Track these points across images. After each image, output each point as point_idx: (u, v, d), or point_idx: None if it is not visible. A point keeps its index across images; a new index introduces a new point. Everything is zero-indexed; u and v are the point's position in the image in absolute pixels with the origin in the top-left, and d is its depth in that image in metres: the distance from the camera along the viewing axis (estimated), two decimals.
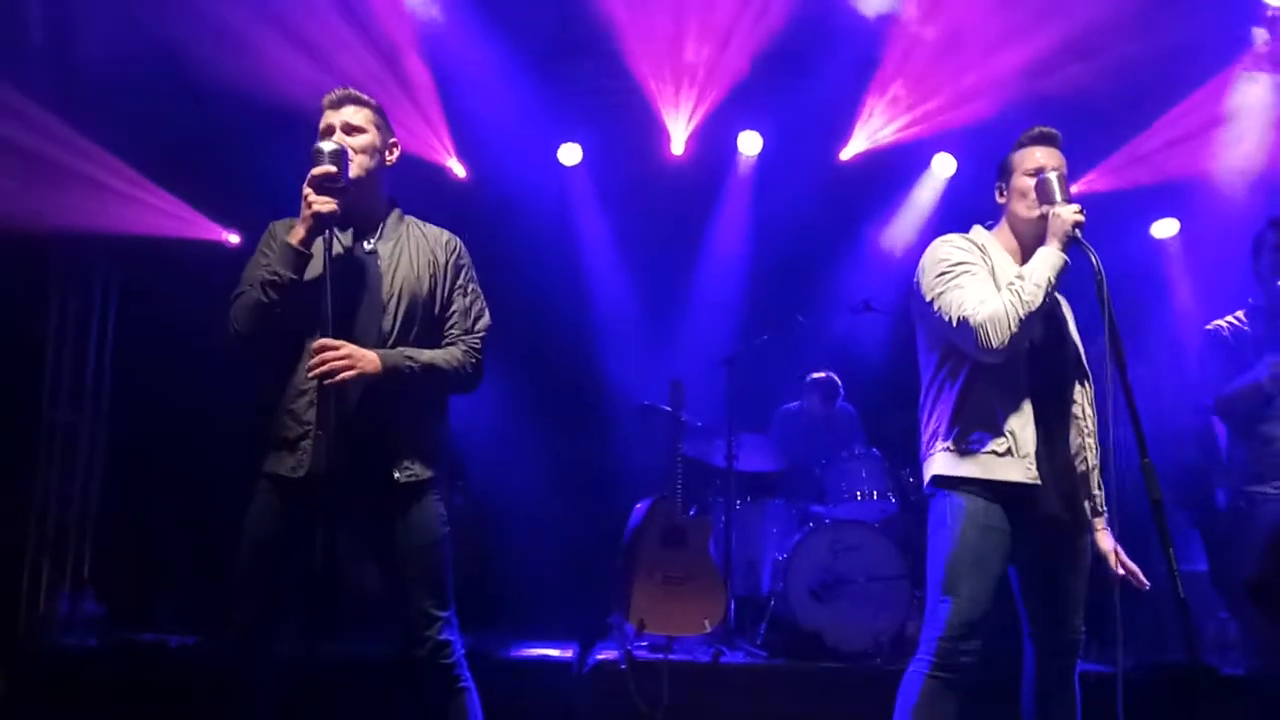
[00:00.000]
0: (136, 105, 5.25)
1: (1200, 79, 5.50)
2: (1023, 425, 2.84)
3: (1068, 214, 2.83)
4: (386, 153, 2.95)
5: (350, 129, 2.86)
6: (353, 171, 2.78)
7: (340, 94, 2.90)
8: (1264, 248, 3.91)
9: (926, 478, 3.01)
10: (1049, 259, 2.82)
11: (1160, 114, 5.69)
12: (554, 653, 4.57)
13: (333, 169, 2.68)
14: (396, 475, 2.77)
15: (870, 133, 6.16)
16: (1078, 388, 3.01)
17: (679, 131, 6.17)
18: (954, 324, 2.83)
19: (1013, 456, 2.82)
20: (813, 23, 5.48)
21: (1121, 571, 2.96)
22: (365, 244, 2.88)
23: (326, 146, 2.71)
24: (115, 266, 5.81)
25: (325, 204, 2.67)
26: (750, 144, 6.35)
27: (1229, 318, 4.03)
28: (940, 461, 2.94)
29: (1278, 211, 4.04)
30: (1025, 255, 2.99)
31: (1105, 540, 3.01)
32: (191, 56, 5.10)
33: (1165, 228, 6.35)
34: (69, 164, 5.17)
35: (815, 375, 6.09)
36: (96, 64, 5.05)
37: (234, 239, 6.04)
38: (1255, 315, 3.95)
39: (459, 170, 6.22)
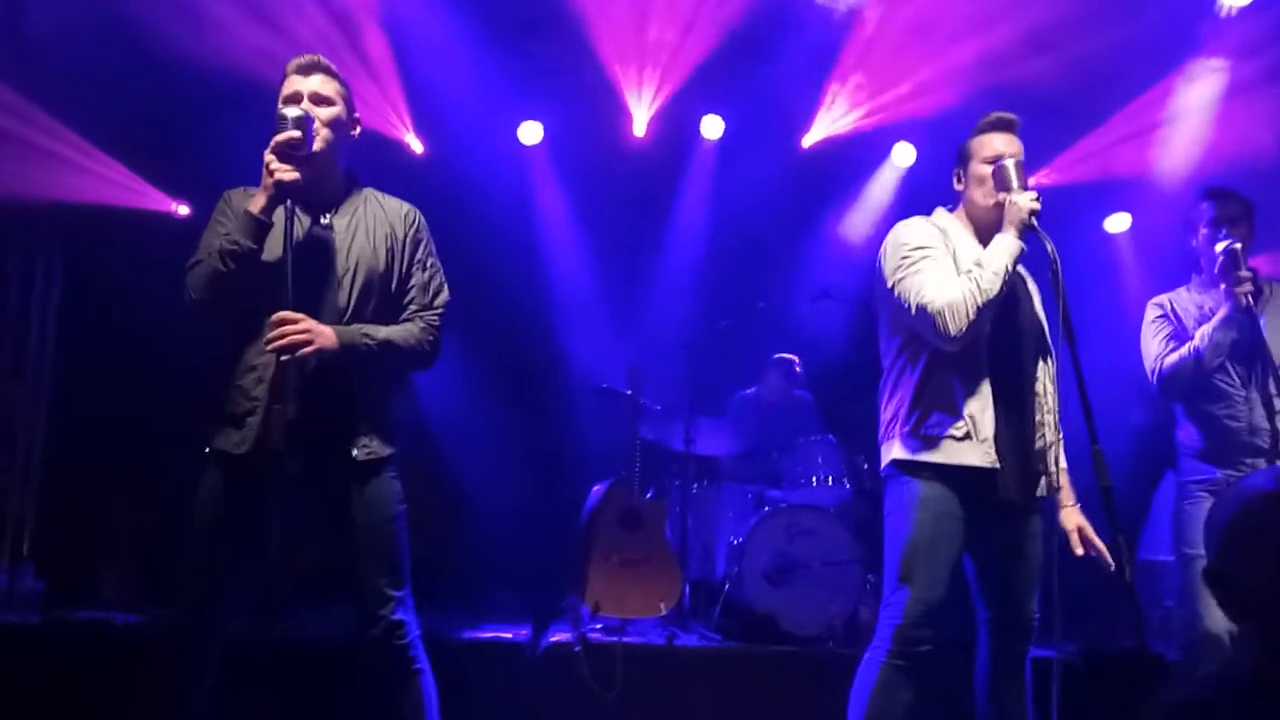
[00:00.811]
0: (86, 72, 5.10)
1: (1157, 76, 5.57)
2: (982, 409, 2.85)
3: (1024, 201, 2.85)
4: (350, 128, 2.89)
5: (319, 99, 2.78)
6: (317, 143, 2.72)
7: (310, 60, 2.82)
8: (1200, 220, 3.78)
9: (884, 461, 3.02)
10: (1006, 246, 2.84)
11: (1118, 109, 5.76)
12: (507, 635, 4.54)
13: (297, 134, 2.63)
14: (355, 453, 2.72)
15: (831, 120, 6.17)
16: (1040, 365, 3.02)
17: (641, 114, 6.13)
18: (913, 310, 2.84)
19: (972, 440, 2.83)
20: (775, 9, 5.47)
21: (1081, 551, 2.94)
22: (322, 218, 2.82)
23: (291, 113, 2.65)
24: (60, 236, 5.65)
25: (287, 172, 2.61)
26: (712, 128, 6.33)
27: (1174, 293, 3.88)
28: (899, 445, 2.95)
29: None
30: (983, 241, 3.01)
31: (1070, 518, 2.97)
32: (142, 23, 4.97)
33: (1118, 222, 6.43)
34: (13, 131, 5.02)
35: (779, 356, 6.11)
36: (47, 32, 4.91)
37: (183, 210, 5.91)
38: (1197, 289, 3.83)
39: (416, 146, 6.13)
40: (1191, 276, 3.88)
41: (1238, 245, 3.57)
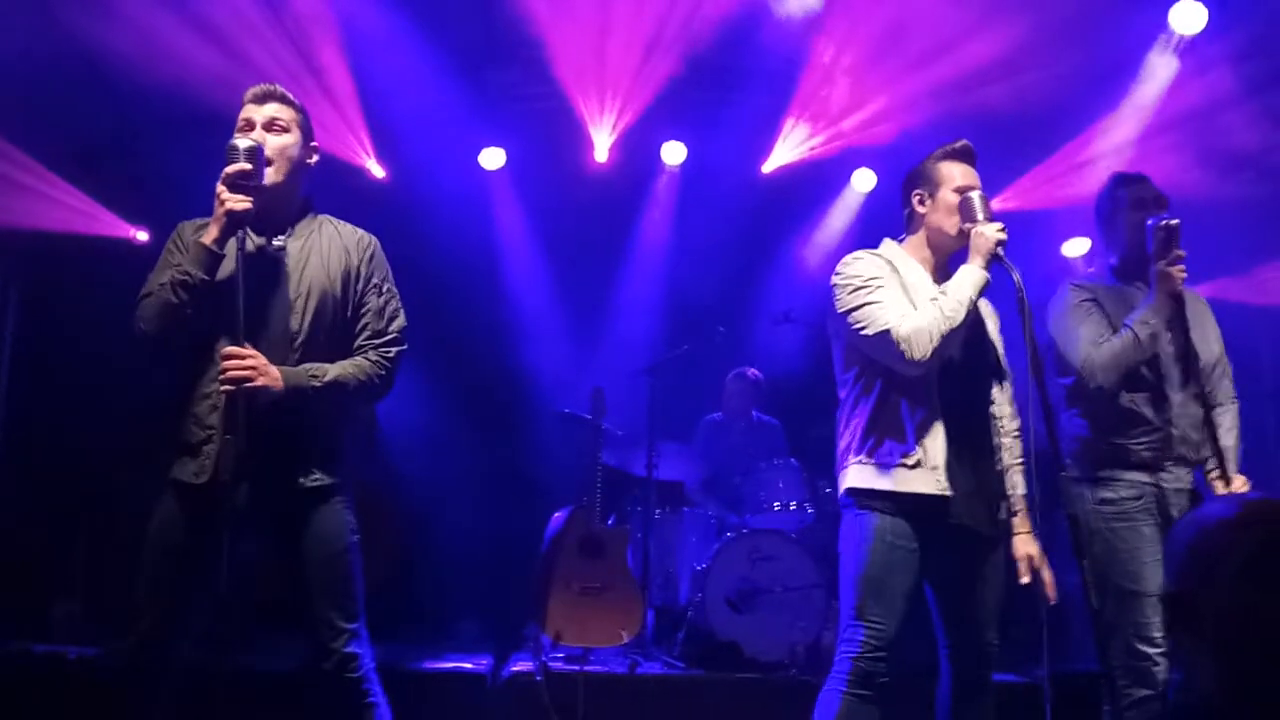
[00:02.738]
0: (43, 98, 5.05)
1: (1112, 102, 5.66)
2: (933, 437, 2.86)
3: (991, 233, 2.88)
4: (306, 156, 2.88)
5: (273, 126, 2.78)
6: (270, 171, 2.71)
7: (265, 89, 2.82)
8: (1120, 207, 3.57)
9: (840, 490, 3.03)
10: (972, 277, 2.87)
11: (1074, 135, 5.85)
12: (467, 665, 4.49)
13: (248, 166, 2.62)
14: (302, 481, 2.70)
15: (791, 146, 6.22)
16: (995, 389, 3.05)
17: (602, 139, 6.15)
18: (874, 336, 2.85)
19: (922, 468, 2.84)
20: (736, 37, 5.51)
21: (1026, 580, 2.93)
22: (275, 240, 2.80)
23: (242, 143, 2.64)
24: (15, 262, 5.58)
25: (239, 202, 2.60)
26: (674, 154, 6.36)
27: (1086, 278, 3.63)
28: (853, 475, 2.96)
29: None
30: (940, 266, 3.05)
31: (1021, 545, 2.95)
32: (100, 48, 4.92)
33: (1076, 246, 6.52)
34: None
35: (737, 371, 6.13)
36: (2, 57, 4.85)
37: (142, 236, 5.85)
38: (1109, 278, 3.59)
39: (378, 171, 6.12)
40: (1093, 260, 3.70)
41: (1175, 221, 3.29)
